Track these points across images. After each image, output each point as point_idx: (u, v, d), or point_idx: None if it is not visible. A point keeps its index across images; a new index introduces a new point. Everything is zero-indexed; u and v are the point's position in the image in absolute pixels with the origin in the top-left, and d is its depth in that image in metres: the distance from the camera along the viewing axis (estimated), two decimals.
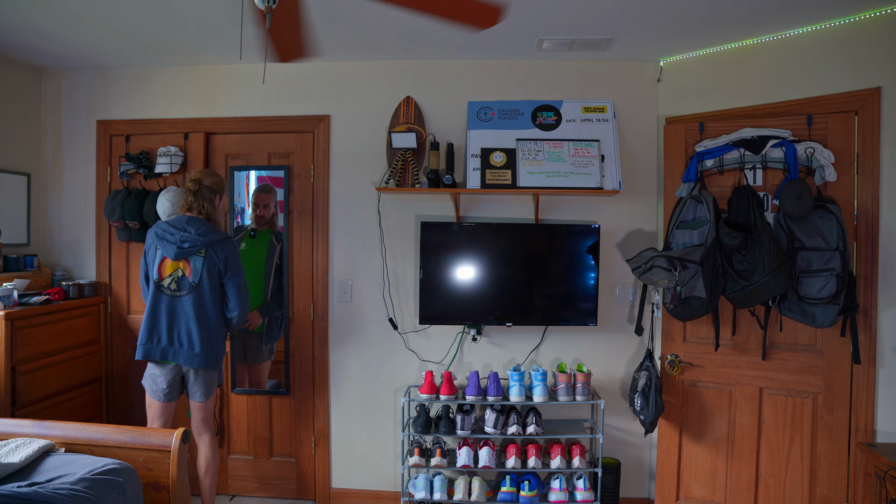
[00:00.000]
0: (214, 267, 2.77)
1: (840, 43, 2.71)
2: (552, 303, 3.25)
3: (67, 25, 2.89)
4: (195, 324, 2.75)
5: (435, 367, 3.37)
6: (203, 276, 2.76)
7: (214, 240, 2.76)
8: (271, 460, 3.50)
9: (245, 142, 3.45)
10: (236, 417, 3.50)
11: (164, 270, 2.77)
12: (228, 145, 3.46)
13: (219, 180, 2.90)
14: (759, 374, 2.90)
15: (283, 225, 3.42)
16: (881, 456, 2.37)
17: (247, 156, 3.46)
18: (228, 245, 2.81)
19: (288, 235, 3.39)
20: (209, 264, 2.75)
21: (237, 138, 3.45)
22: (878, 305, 2.62)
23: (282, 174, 3.40)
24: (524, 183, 3.13)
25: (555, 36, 2.97)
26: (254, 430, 3.50)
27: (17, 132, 3.47)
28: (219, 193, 2.89)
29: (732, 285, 2.71)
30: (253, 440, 3.50)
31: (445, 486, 3.06)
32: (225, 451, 3.50)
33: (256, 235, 3.44)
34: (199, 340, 2.74)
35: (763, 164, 2.81)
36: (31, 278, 3.32)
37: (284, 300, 3.39)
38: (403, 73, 3.37)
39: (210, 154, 3.47)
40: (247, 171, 3.45)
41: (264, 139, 3.43)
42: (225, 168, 3.45)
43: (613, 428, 3.34)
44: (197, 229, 2.74)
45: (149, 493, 2.23)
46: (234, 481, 3.51)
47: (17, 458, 2.06)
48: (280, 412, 3.48)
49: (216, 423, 3.45)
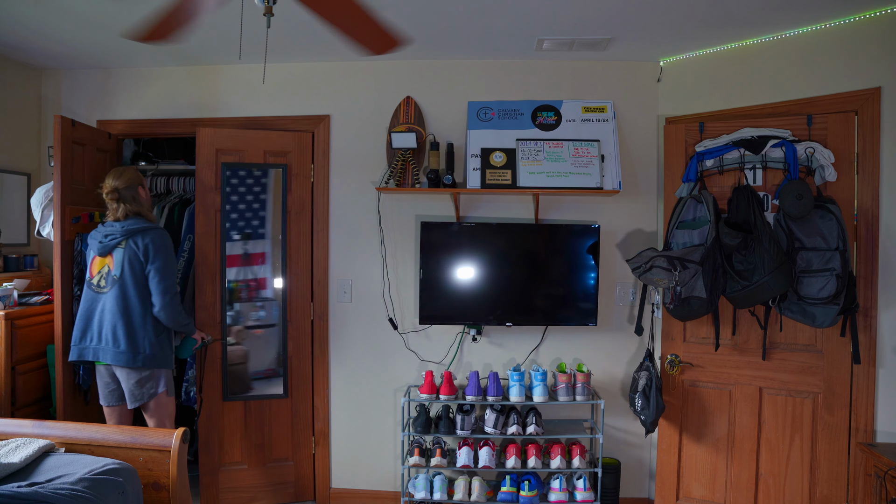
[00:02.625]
0: (136, 257, 2.67)
1: (840, 43, 2.70)
2: (552, 303, 3.25)
3: (67, 25, 2.89)
4: (120, 319, 2.65)
5: (435, 367, 3.36)
6: (125, 269, 2.67)
7: (135, 229, 2.69)
8: (267, 466, 3.37)
9: (238, 137, 3.30)
10: (230, 427, 3.31)
11: (94, 268, 2.76)
12: (220, 140, 3.28)
13: (130, 174, 2.81)
14: (759, 374, 2.90)
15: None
16: (881, 456, 2.37)
17: (240, 152, 3.30)
18: (151, 233, 2.72)
19: (286, 235, 3.37)
20: (129, 255, 2.68)
21: (229, 133, 3.30)
22: (878, 305, 2.62)
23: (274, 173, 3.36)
24: (524, 183, 3.13)
25: (555, 36, 2.97)
26: (249, 438, 3.34)
27: (17, 132, 3.47)
28: (139, 185, 2.82)
29: (732, 285, 2.71)
30: (248, 448, 3.34)
31: (445, 486, 3.06)
32: (216, 463, 3.29)
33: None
34: (125, 337, 2.64)
35: (763, 164, 2.81)
36: (31, 278, 3.32)
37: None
38: (403, 73, 3.37)
39: (198, 148, 3.25)
40: (240, 169, 3.31)
41: (261, 136, 3.32)
42: (216, 164, 3.25)
43: (613, 428, 3.34)
44: (122, 224, 2.73)
45: (149, 493, 2.23)
46: (225, 494, 3.29)
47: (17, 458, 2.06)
48: (277, 415, 3.38)
49: (191, 434, 3.29)
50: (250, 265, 3.36)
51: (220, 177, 3.28)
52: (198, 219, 3.27)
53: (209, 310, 3.27)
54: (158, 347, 2.71)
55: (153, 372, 2.73)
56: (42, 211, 3.13)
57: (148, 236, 2.72)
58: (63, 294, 3.01)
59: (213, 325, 3.26)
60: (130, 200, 2.77)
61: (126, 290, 2.68)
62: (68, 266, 3.04)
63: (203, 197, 3.27)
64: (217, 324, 3.28)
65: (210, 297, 3.27)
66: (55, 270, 2.99)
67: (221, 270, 3.28)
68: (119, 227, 2.74)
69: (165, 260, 2.72)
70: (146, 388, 2.72)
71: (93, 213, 3.18)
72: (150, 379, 2.73)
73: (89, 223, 3.15)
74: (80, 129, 3.16)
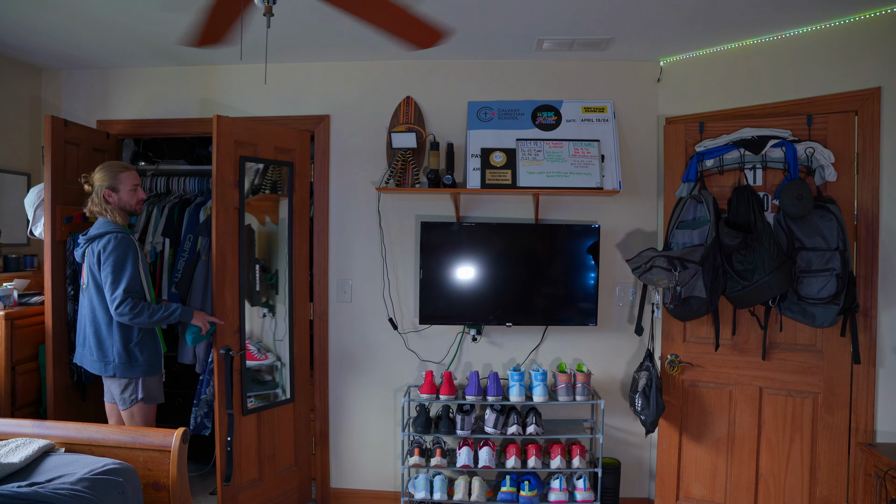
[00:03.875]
0: (95, 264, 2.62)
1: (840, 43, 2.70)
2: (552, 303, 3.25)
3: (67, 25, 2.89)
4: (90, 327, 2.67)
5: (435, 367, 3.36)
6: (88, 277, 2.66)
7: (93, 235, 2.65)
8: (277, 476, 3.23)
9: (253, 130, 3.10)
10: (246, 442, 3.06)
11: (83, 276, 2.75)
12: (238, 131, 3.02)
13: (105, 174, 2.70)
14: (759, 374, 2.90)
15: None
16: (881, 456, 2.37)
17: (254, 146, 3.10)
18: (104, 240, 2.61)
19: (291, 236, 3.33)
20: (90, 262, 2.64)
21: (245, 125, 3.08)
22: (878, 305, 2.62)
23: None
24: (524, 183, 3.13)
25: (555, 36, 2.97)
26: (262, 450, 3.15)
27: (17, 132, 3.47)
28: (108, 189, 2.69)
29: (732, 285, 2.71)
30: (262, 461, 3.14)
31: (445, 486, 3.06)
32: (237, 486, 3.01)
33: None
34: (95, 346, 2.66)
35: (763, 164, 2.81)
36: (31, 278, 3.32)
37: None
38: (403, 73, 3.37)
39: (217, 139, 2.94)
40: (255, 165, 3.16)
41: (272, 131, 3.19)
42: (235, 157, 3.00)
43: (613, 428, 3.34)
44: (88, 231, 2.70)
45: (149, 493, 2.23)
46: None
47: (17, 458, 2.06)
48: (283, 421, 3.26)
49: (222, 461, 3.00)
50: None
51: (238, 171, 3.00)
52: (217, 217, 2.90)
53: (229, 317, 2.98)
54: (127, 356, 2.65)
55: (130, 379, 2.68)
56: (35, 211, 3.12)
57: (101, 243, 2.61)
58: (54, 294, 2.99)
59: (231, 334, 2.99)
60: (97, 200, 2.69)
61: (92, 298, 2.67)
62: (59, 266, 3.02)
63: (223, 193, 2.92)
64: (236, 332, 3.01)
65: (230, 304, 2.98)
66: (45, 270, 2.99)
67: (240, 274, 3.03)
68: (81, 236, 2.72)
69: (114, 266, 2.58)
70: (126, 394, 2.69)
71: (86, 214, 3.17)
72: (128, 386, 2.69)
73: (82, 223, 3.10)
74: (74, 128, 3.14)
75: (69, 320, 3.07)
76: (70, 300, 3.08)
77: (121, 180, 2.72)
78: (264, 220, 3.59)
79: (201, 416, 3.24)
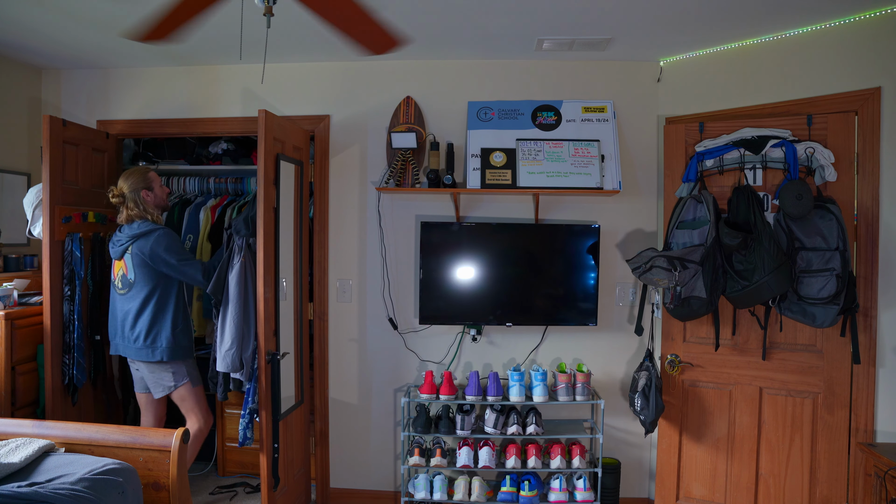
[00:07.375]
0: (143, 261, 2.84)
1: (840, 43, 2.70)
2: (552, 303, 3.25)
3: (67, 25, 2.89)
4: (133, 317, 2.87)
5: (435, 366, 3.36)
6: (136, 272, 2.86)
7: (138, 234, 2.85)
8: (294, 481, 3.21)
9: (284, 129, 3.01)
10: (287, 454, 3.06)
11: (115, 271, 2.94)
12: (275, 127, 2.90)
13: (137, 178, 2.91)
14: (759, 374, 2.90)
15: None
16: (881, 456, 2.37)
17: (282, 143, 2.99)
18: (151, 238, 2.84)
19: (302, 235, 3.29)
20: (138, 259, 2.85)
21: (279, 123, 2.95)
22: (878, 305, 2.62)
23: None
24: (524, 183, 3.13)
25: (555, 36, 2.97)
26: (286, 456, 3.07)
27: (16, 132, 3.47)
28: (145, 189, 2.91)
29: (732, 285, 2.71)
30: (284, 468, 3.04)
31: (445, 486, 3.06)
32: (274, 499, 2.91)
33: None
34: (144, 333, 2.85)
35: (763, 164, 2.81)
36: (31, 278, 3.32)
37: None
38: (403, 73, 3.37)
39: (263, 134, 2.77)
40: (287, 164, 3.00)
41: (294, 129, 3.11)
42: (273, 155, 2.87)
43: (613, 428, 3.34)
44: (129, 228, 2.89)
45: (149, 493, 2.23)
46: None
47: (17, 458, 2.06)
48: (295, 424, 3.20)
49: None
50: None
51: (276, 169, 2.89)
52: (263, 216, 2.74)
53: (270, 320, 2.83)
54: (174, 340, 2.88)
55: (172, 364, 2.90)
56: (33, 211, 3.13)
57: (147, 242, 2.83)
58: (52, 293, 3.01)
59: (270, 337, 2.83)
60: (133, 205, 2.90)
61: (140, 291, 2.86)
62: (58, 266, 3.04)
63: (267, 191, 2.79)
64: (273, 336, 2.88)
65: (271, 308, 2.84)
66: (44, 270, 3.01)
67: (276, 276, 2.90)
68: (126, 232, 2.89)
69: (178, 254, 2.86)
70: (172, 378, 2.91)
71: (86, 213, 3.18)
72: (170, 370, 2.90)
73: (81, 223, 3.15)
74: (73, 128, 3.14)
75: (64, 321, 3.08)
76: (66, 300, 3.08)
77: (152, 179, 2.96)
78: None
79: (243, 427, 2.89)
